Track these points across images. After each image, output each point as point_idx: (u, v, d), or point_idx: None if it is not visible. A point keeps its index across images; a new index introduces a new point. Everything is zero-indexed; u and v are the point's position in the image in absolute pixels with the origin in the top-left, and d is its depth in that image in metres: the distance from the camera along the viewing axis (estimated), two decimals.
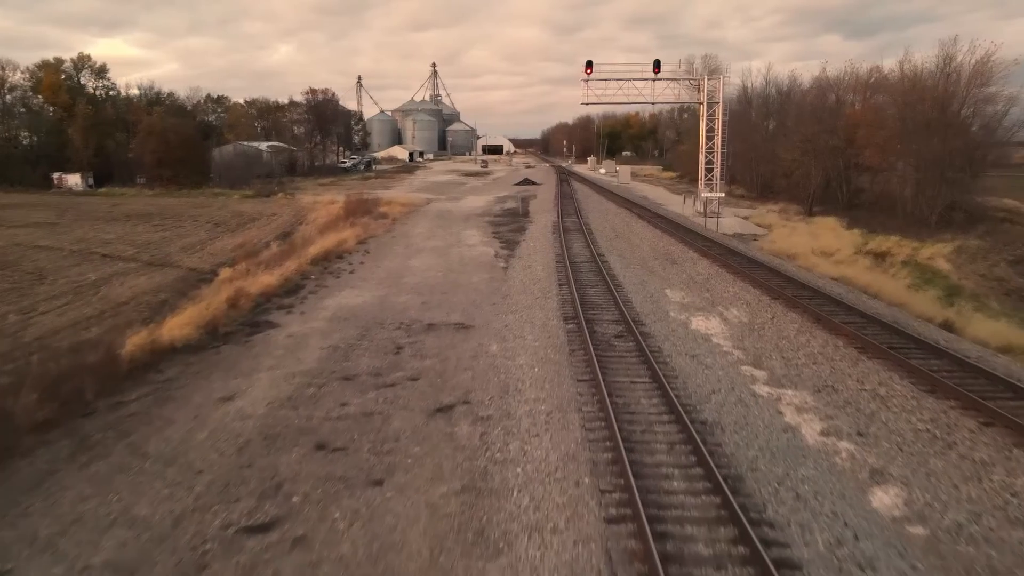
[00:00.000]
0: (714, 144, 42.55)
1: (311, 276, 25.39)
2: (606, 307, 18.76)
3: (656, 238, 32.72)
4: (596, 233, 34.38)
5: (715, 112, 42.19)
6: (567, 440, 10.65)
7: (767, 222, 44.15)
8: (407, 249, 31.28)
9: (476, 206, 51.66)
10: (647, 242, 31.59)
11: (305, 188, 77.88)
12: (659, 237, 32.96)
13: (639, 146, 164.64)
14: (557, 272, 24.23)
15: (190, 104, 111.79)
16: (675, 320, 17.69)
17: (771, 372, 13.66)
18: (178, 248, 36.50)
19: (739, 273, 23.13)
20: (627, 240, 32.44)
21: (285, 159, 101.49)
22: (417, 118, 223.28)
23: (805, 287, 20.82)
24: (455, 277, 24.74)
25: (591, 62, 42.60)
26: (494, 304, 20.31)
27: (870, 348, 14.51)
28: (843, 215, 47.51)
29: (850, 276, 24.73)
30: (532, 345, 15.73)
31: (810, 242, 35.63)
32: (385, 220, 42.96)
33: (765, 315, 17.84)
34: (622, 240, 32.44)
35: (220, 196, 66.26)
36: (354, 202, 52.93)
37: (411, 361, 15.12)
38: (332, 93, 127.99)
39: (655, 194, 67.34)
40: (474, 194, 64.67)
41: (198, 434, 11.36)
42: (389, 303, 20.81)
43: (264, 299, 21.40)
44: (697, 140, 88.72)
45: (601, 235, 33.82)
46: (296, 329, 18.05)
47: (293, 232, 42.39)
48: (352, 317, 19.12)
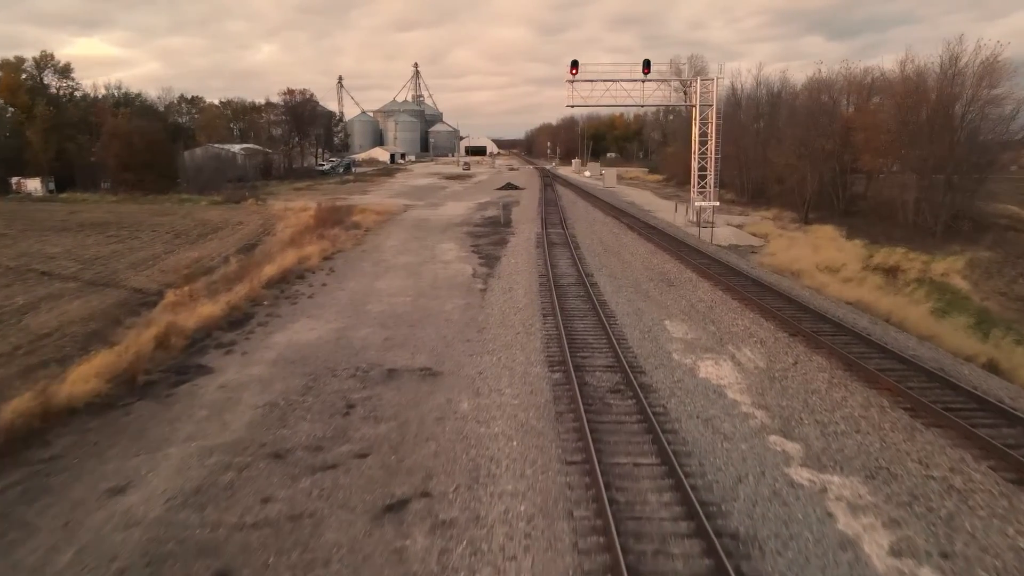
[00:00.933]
0: (707, 149, 40.03)
1: (264, 302, 22.47)
2: (598, 347, 16.04)
3: (649, 253, 30.08)
4: (583, 247, 31.69)
5: (708, 116, 39.68)
6: (554, 570, 7.91)
7: (763, 231, 41.73)
8: (376, 267, 28.40)
9: (455, 214, 48.82)
10: (639, 258, 28.94)
11: (279, 193, 74.62)
12: (652, 252, 30.33)
13: (624, 147, 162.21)
14: (541, 298, 21.50)
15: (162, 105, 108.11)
16: (680, 365, 15.01)
17: (807, 445, 11.00)
18: (127, 264, 33.35)
19: (746, 300, 20.53)
20: (617, 255, 29.78)
21: (260, 162, 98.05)
22: (399, 119, 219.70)
23: (823, 318, 18.23)
24: (426, 303, 21.93)
25: (576, 62, 39.96)
26: (468, 341, 17.54)
27: (923, 410, 11.90)
28: (840, 223, 45.27)
29: (867, 300, 22.23)
30: (511, 403, 12.97)
31: (813, 256, 33.21)
32: (357, 231, 40.02)
33: (785, 358, 15.20)
34: (612, 255, 29.78)
35: (187, 202, 62.82)
36: (326, 210, 49.94)
37: (362, 427, 12.31)
38: (310, 94, 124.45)
39: (642, 199, 64.90)
40: (454, 200, 61.82)
41: (59, 555, 8.49)
42: (347, 339, 17.97)
43: (203, 334, 18.49)
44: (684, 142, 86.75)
45: (589, 249, 31.15)
46: (232, 377, 15.17)
47: (257, 244, 39.36)
48: (301, 360, 16.27)
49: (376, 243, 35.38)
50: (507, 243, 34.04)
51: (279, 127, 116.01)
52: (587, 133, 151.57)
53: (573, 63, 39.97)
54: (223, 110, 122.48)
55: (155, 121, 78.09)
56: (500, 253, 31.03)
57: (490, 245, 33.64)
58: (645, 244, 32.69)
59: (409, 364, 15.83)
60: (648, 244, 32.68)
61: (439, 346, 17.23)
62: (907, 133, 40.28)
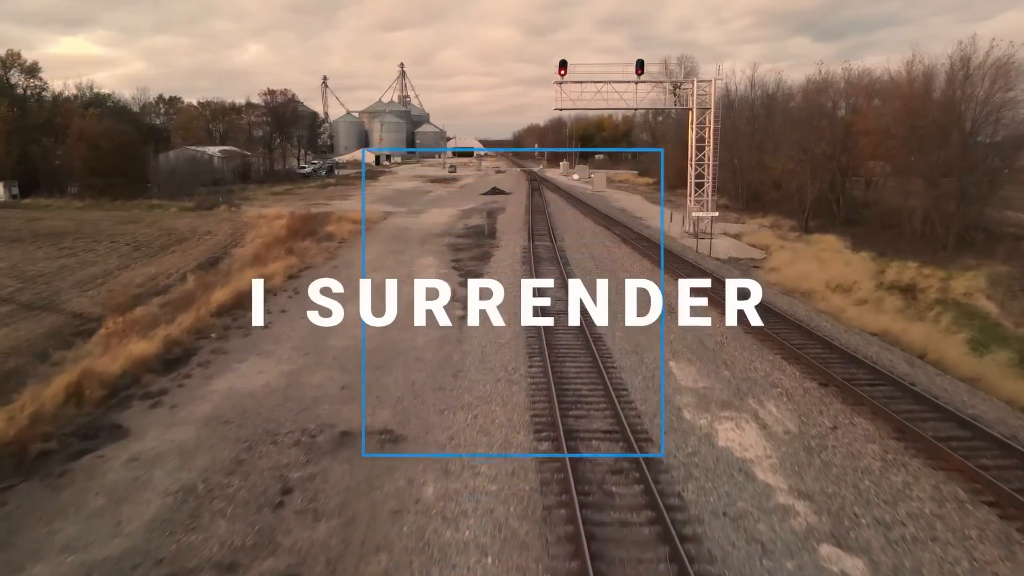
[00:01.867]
0: (705, 155, 37.54)
1: (212, 334, 19.70)
2: (594, 402, 13.43)
3: (645, 271, 27.52)
4: (573, 263, 29.11)
5: (705, 119, 37.18)
6: None
7: (763, 242, 39.30)
8: (346, 288, 25.63)
9: (437, 222, 46.09)
10: (635, 277, 26.38)
11: (255, 198, 71.57)
12: (649, 270, 27.77)
13: None
14: (527, 330, 18.88)
15: (137, 105, 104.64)
16: (693, 429, 12.42)
17: (872, 563, 8.43)
18: (74, 283, 30.41)
19: (760, 334, 18.00)
20: (611, 273, 27.20)
21: (238, 165, 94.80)
22: (385, 120, 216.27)
23: (854, 359, 15.72)
24: (396, 335, 19.24)
25: (565, 62, 37.31)
26: (440, 390, 14.88)
27: (1013, 506, 9.36)
28: (842, 232, 43.00)
29: (894, 331, 19.76)
30: (487, 490, 10.34)
31: (820, 271, 30.79)
32: (330, 243, 37.25)
33: (820, 419, 12.64)
34: (605, 273, 27.19)
35: (156, 209, 59.73)
36: (300, 219, 47.11)
37: (296, 527, 9.63)
38: (292, 94, 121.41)
39: (633, 204, 62.46)
40: (438, 206, 59.09)
41: None
42: (298, 387, 15.26)
43: (130, 380, 15.71)
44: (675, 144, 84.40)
45: (579, 266, 28.57)
46: (149, 444, 12.43)
47: (222, 258, 36.50)
48: (239, 417, 13.55)
49: (349, 258, 32.60)
50: (491, 258, 31.41)
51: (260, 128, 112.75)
52: (575, 134, 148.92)
53: (562, 63, 37.35)
54: (202, 111, 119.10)
55: (125, 123, 74.56)
56: (483, 270, 28.40)
57: (472, 260, 30.98)
58: (640, 261, 30.12)
59: (368, 423, 13.15)
60: (644, 260, 30.12)
61: (406, 396, 14.56)
62: (916, 138, 37.99)
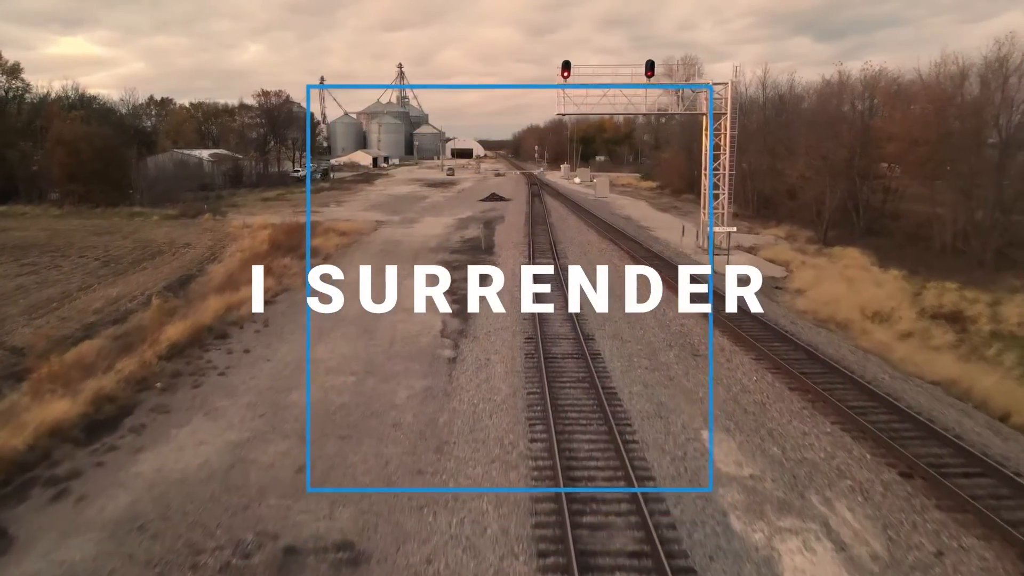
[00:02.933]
0: (721, 163, 34.52)
1: (156, 383, 16.73)
2: (613, 504, 10.44)
3: (662, 299, 24.48)
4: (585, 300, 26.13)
5: (721, 125, 34.17)
6: None
7: (782, 257, 36.25)
8: (323, 319, 22.68)
9: (432, 234, 43.08)
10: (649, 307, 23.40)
11: (244, 205, 68.63)
12: (665, 297, 24.72)
13: (613, 151, 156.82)
14: (527, 382, 15.91)
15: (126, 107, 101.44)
16: (746, 547, 9.41)
17: None
18: (25, 307, 27.41)
19: (805, 388, 15.04)
20: (621, 300, 24.22)
21: (229, 168, 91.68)
22: (383, 120, 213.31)
23: (932, 431, 12.72)
24: (374, 388, 16.26)
25: (569, 63, 34.23)
26: (419, 474, 11.89)
27: None
28: (863, 244, 39.99)
29: (958, 378, 16.77)
30: None
31: (850, 294, 27.79)
32: (315, 259, 34.31)
33: (913, 535, 9.61)
34: (614, 299, 24.21)
35: (138, 217, 56.73)
36: (285, 231, 44.18)
37: None
38: (286, 96, 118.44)
39: (638, 212, 59.44)
40: (433, 214, 56.09)
41: None
42: (243, 468, 12.27)
43: (37, 456, 12.74)
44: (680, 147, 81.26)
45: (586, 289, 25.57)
46: (29, 569, 9.45)
47: (196, 276, 33.53)
48: (158, 519, 10.57)
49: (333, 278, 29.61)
50: (488, 280, 28.44)
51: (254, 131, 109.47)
52: (575, 136, 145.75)
53: (565, 65, 34.28)
54: (193, 112, 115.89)
55: (109, 126, 71.44)
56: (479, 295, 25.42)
57: (467, 282, 28.01)
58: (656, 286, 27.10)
59: (323, 532, 10.17)
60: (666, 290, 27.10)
61: (376, 485, 11.58)
62: (948, 144, 35.00)
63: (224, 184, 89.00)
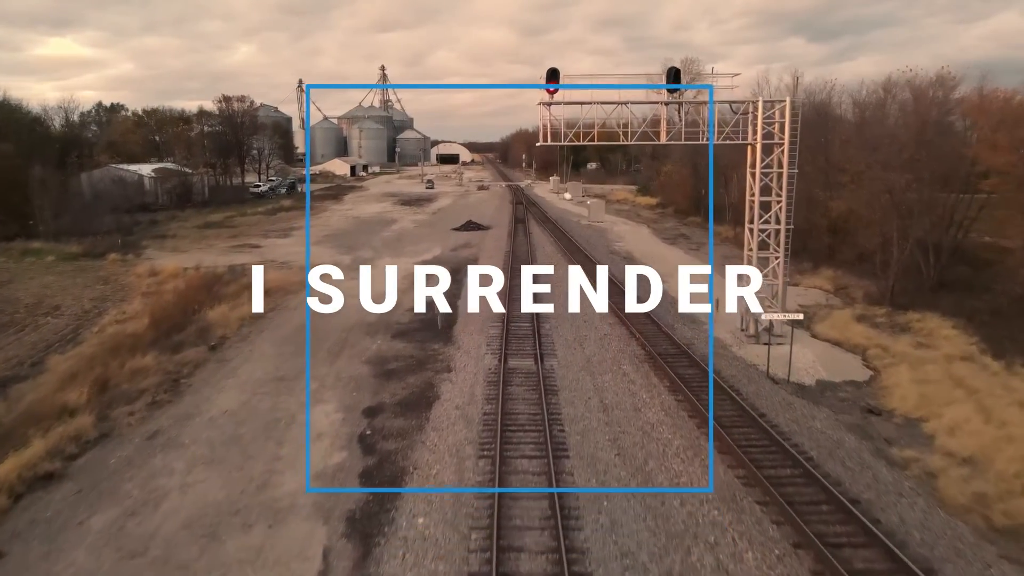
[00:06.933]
0: (773, 213, 24.48)
1: None
2: None
3: (700, 448, 14.36)
4: (567, 420, 16.00)
5: (775, 158, 24.10)
6: None
7: (852, 340, 26.17)
8: (128, 521, 12.44)
9: (380, 291, 32.46)
10: (685, 478, 13.29)
11: (177, 234, 58.25)
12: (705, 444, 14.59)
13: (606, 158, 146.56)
14: None
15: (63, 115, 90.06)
16: None
17: None
18: None
19: None
20: (640, 471, 14.13)
21: (175, 185, 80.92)
22: (364, 126, 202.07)
23: None
24: None
25: (556, 72, 23.86)
26: None
27: None
28: (943, 307, 30.05)
29: None
30: None
31: (987, 426, 18.02)
32: (193, 352, 24.16)
33: None
34: (626, 463, 14.11)
35: (30, 256, 46.25)
36: (197, 285, 34.01)
37: None
38: (251, 101, 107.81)
39: (642, 246, 49.26)
40: (392, 252, 45.85)
41: None
42: None
43: None
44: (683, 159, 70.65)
45: (582, 431, 15.49)
46: None
47: (26, 378, 23.11)
48: None
49: (188, 410, 19.33)
50: (432, 405, 18.35)
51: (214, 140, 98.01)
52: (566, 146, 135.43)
53: (551, 73, 23.90)
54: (145, 120, 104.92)
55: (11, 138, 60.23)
56: (407, 459, 15.31)
57: (398, 414, 17.87)
58: (687, 421, 17.04)
59: None
60: (692, 419, 17.05)
61: None
62: None
63: (170, 203, 78.40)
